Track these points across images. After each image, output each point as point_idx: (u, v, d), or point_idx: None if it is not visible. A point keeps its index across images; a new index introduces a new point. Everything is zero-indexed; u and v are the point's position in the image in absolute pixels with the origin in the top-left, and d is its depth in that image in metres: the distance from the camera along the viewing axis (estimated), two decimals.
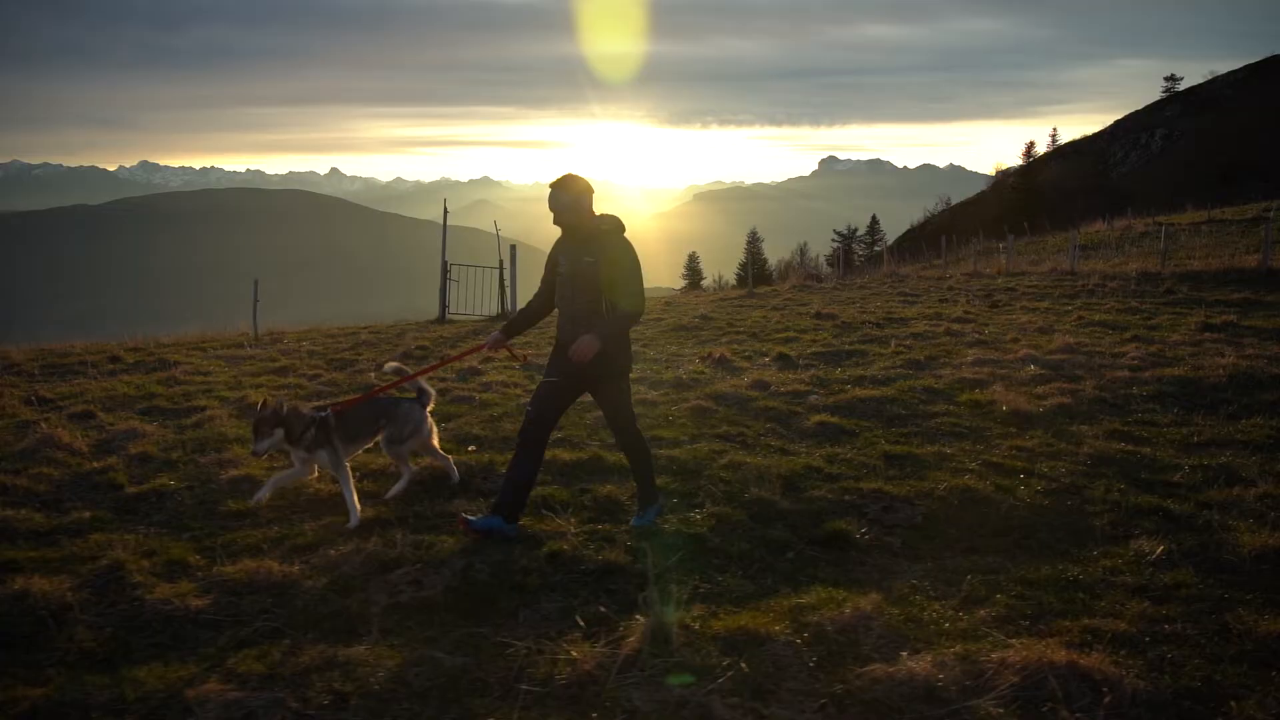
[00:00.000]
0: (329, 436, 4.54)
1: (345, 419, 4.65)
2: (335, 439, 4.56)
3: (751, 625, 3.24)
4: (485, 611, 3.49)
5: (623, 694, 2.82)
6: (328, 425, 4.54)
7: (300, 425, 4.50)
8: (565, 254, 4.24)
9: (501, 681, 2.94)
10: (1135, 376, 8.05)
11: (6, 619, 3.28)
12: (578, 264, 4.16)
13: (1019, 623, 3.40)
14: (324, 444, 4.54)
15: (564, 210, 4.16)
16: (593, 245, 4.16)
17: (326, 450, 4.54)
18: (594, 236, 4.17)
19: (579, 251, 4.17)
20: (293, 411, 4.51)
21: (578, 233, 4.20)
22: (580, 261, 4.15)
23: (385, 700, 2.80)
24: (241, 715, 2.63)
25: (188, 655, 3.08)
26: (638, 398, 7.51)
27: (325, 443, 4.54)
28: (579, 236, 4.20)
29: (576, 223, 4.18)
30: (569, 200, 4.15)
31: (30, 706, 2.67)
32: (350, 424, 4.67)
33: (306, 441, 4.51)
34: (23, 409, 7.56)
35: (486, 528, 4.12)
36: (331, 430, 4.55)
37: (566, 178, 4.19)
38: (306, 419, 4.52)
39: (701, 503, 4.77)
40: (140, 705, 2.70)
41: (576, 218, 4.18)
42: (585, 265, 4.13)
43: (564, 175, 4.19)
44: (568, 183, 4.17)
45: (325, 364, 10.71)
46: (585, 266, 4.12)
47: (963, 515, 4.69)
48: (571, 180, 4.19)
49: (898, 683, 2.85)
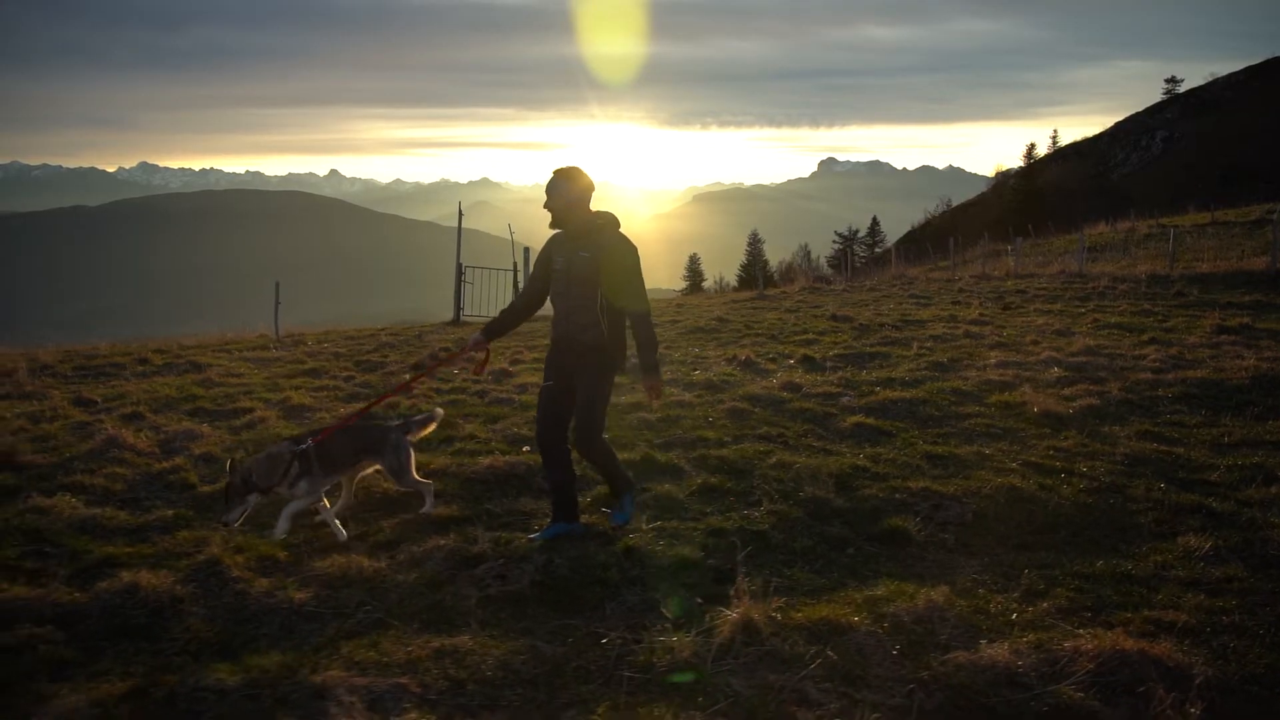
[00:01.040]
0: (309, 467, 4.34)
1: (325, 448, 4.43)
2: (315, 468, 4.36)
3: (832, 616, 3.41)
4: (572, 604, 3.65)
5: (721, 679, 2.99)
6: (308, 457, 4.33)
7: (278, 472, 4.25)
8: (560, 251, 4.22)
9: (602, 669, 3.11)
10: (1159, 379, 8.23)
11: (120, 611, 3.45)
12: (573, 259, 4.14)
13: (1081, 615, 3.57)
14: (305, 474, 4.33)
15: (562, 198, 4.11)
16: (589, 241, 4.14)
17: (306, 480, 4.33)
18: (590, 232, 4.15)
19: (575, 247, 4.16)
20: (265, 461, 4.28)
21: (573, 228, 4.17)
22: (576, 257, 4.13)
23: (498, 686, 2.97)
24: (370, 699, 2.80)
25: (301, 644, 3.25)
26: (672, 399, 7.69)
27: (306, 473, 4.33)
28: (574, 232, 4.17)
29: (573, 216, 4.14)
30: (574, 193, 4.11)
31: (169, 691, 2.83)
32: (330, 453, 4.45)
33: (291, 480, 4.29)
34: (73, 410, 7.71)
35: (554, 535, 4.27)
36: (312, 461, 4.35)
37: (573, 169, 4.16)
38: (283, 460, 4.28)
39: (758, 501, 4.94)
40: (271, 690, 2.86)
41: (573, 211, 4.14)
42: (582, 260, 4.11)
43: (570, 166, 4.16)
44: (574, 174, 4.15)
45: (354, 366, 10.87)
46: (582, 261, 4.11)
47: (1010, 513, 4.86)
48: (578, 173, 4.16)
49: (980, 669, 3.02)
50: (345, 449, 4.54)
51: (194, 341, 14.74)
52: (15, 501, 4.71)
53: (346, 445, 4.55)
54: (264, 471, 4.22)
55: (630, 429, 6.66)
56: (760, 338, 12.65)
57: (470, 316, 18.04)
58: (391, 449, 4.61)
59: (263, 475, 4.21)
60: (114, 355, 12.20)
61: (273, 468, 4.24)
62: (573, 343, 4.21)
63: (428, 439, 6.40)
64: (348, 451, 4.55)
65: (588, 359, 4.18)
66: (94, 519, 4.49)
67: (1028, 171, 68.66)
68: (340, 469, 4.55)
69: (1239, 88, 68.88)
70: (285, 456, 4.27)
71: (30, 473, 5.35)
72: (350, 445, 4.57)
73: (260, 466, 4.23)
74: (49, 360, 11.46)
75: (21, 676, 2.96)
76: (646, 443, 6.18)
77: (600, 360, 4.21)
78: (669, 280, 77.00)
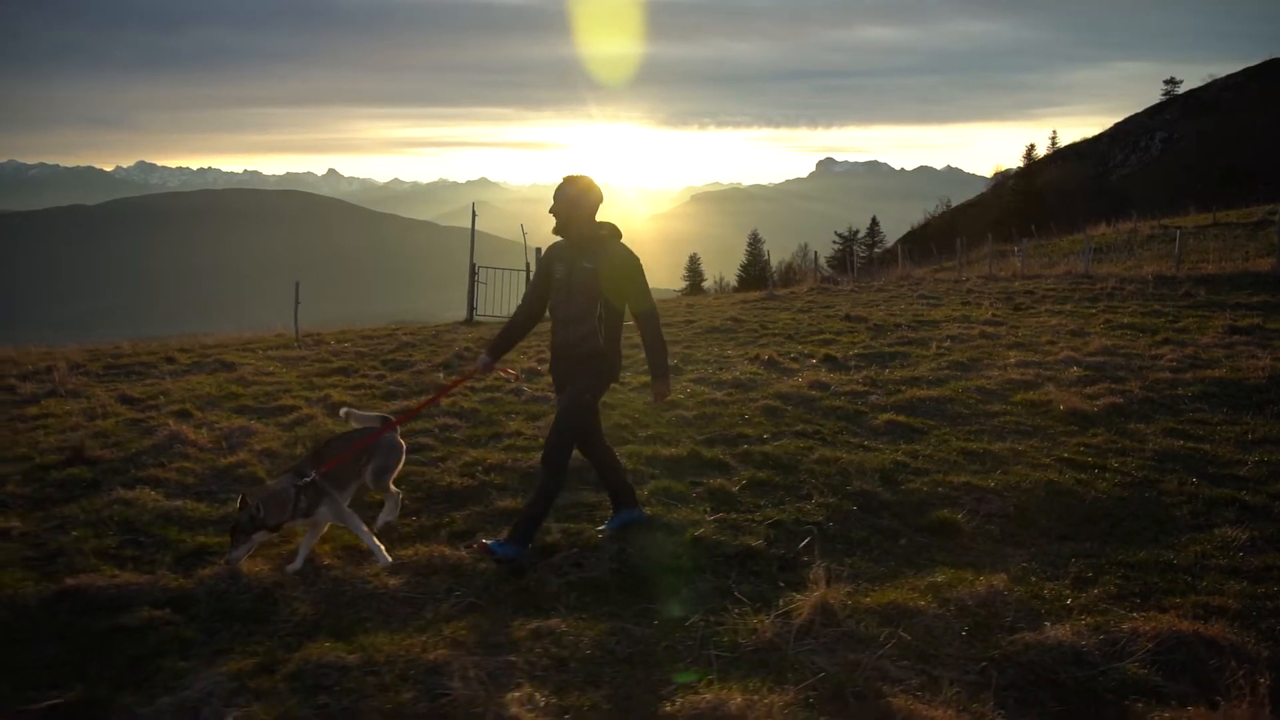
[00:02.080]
0: (321, 495, 4.16)
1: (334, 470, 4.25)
2: (330, 492, 4.20)
3: (899, 600, 3.61)
4: (649, 590, 3.85)
5: (804, 658, 3.19)
6: (316, 487, 4.16)
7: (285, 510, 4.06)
8: (561, 260, 4.18)
9: (690, 649, 3.31)
10: (1178, 378, 8.44)
11: (226, 596, 3.65)
12: (575, 269, 4.10)
13: (1131, 600, 3.78)
14: (320, 502, 4.16)
15: (570, 205, 4.07)
16: (591, 252, 4.09)
17: (327, 505, 4.18)
18: (592, 243, 4.11)
19: (577, 257, 4.11)
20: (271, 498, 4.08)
21: (576, 238, 4.13)
22: (578, 267, 4.09)
23: (598, 664, 3.17)
24: (485, 675, 3.00)
25: (403, 626, 3.44)
26: (705, 398, 7.89)
27: (321, 501, 4.16)
28: (577, 242, 4.13)
29: (577, 226, 4.10)
30: (582, 202, 4.08)
31: (295, 668, 3.03)
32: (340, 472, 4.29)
33: (302, 511, 4.12)
34: (120, 407, 7.90)
35: (622, 524, 4.43)
36: (322, 489, 4.18)
37: (585, 179, 4.14)
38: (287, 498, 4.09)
39: (808, 494, 5.14)
40: (388, 667, 3.06)
41: (573, 215, 4.09)
42: (583, 271, 4.07)
43: (583, 175, 4.15)
44: (585, 184, 4.12)
45: (381, 365, 11.05)
46: (583, 273, 4.07)
47: (1051, 506, 5.07)
48: (589, 183, 4.13)
49: (1047, 648, 3.23)
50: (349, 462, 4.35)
51: (215, 340, 14.90)
52: (99, 494, 4.90)
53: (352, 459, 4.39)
54: (271, 509, 4.03)
55: (671, 426, 6.85)
56: (777, 337, 12.85)
57: (484, 316, 18.23)
58: (385, 449, 4.45)
59: (270, 513, 4.02)
60: (140, 354, 12.36)
61: (279, 506, 4.05)
62: (570, 351, 4.19)
63: (477, 436, 6.63)
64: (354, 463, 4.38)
65: (585, 366, 4.16)
66: (177, 510, 4.68)
67: (1027, 172, 68.98)
68: (353, 479, 4.39)
69: (1238, 89, 69.32)
70: (289, 493, 4.10)
71: (102, 467, 5.53)
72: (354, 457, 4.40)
73: (266, 505, 4.04)
74: (79, 359, 11.64)
75: (152, 654, 3.16)
76: (690, 439, 6.38)
77: (596, 368, 4.18)
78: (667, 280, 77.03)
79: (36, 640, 3.28)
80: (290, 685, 2.94)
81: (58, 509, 4.73)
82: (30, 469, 5.45)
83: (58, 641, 3.27)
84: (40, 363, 11.01)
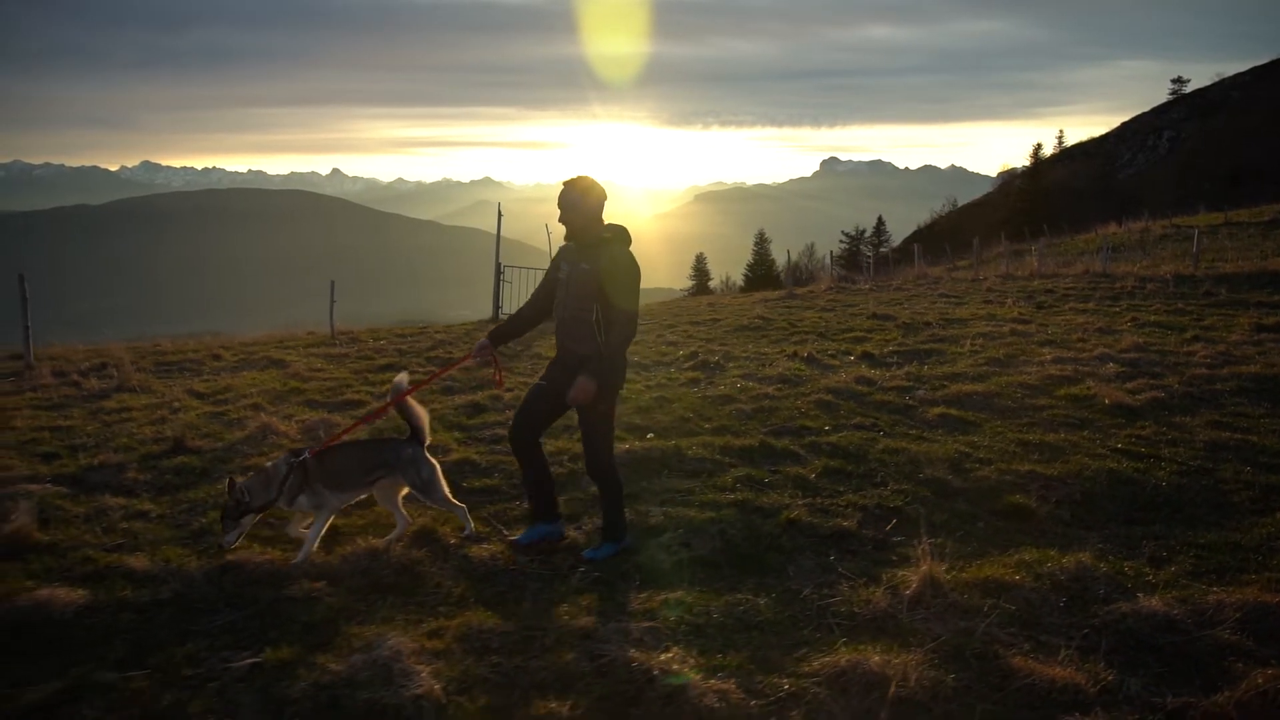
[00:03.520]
0: (307, 482, 4.16)
1: (328, 462, 4.24)
2: (316, 483, 4.18)
3: (996, 575, 3.89)
4: (757, 567, 4.13)
5: (920, 625, 3.47)
6: (305, 469, 4.15)
7: (272, 488, 4.09)
8: (567, 260, 4.21)
9: (810, 618, 3.59)
10: (1214, 374, 8.70)
11: (371, 571, 3.93)
12: (574, 270, 4.13)
13: (1207, 577, 4.05)
14: (302, 490, 4.15)
15: (568, 209, 4.10)
16: (593, 253, 4.11)
17: (307, 495, 4.16)
18: (596, 245, 4.12)
19: (579, 258, 4.14)
20: (260, 476, 4.13)
21: (582, 239, 4.14)
22: (578, 268, 4.12)
23: (730, 630, 3.45)
24: (634, 639, 3.28)
25: (539, 598, 3.72)
26: (756, 392, 8.17)
27: (303, 489, 4.16)
28: (583, 243, 4.15)
29: (583, 227, 4.12)
30: (583, 204, 4.09)
31: (460, 633, 3.32)
32: (337, 469, 4.26)
33: (290, 493, 4.13)
34: (193, 401, 8.19)
35: (537, 538, 4.29)
36: (310, 473, 4.17)
37: (583, 179, 4.14)
38: (277, 475, 4.12)
39: (883, 481, 5.42)
40: (543, 633, 3.34)
41: (584, 222, 4.11)
42: (582, 272, 4.09)
43: (580, 176, 4.15)
44: (583, 185, 4.12)
45: (426, 361, 11.34)
46: (582, 273, 4.09)
47: (1113, 492, 5.33)
48: (583, 182, 4.14)
49: (1142, 617, 3.50)
50: (352, 465, 4.31)
51: (252, 339, 15.20)
52: (213, 481, 5.18)
53: (353, 461, 4.34)
54: (257, 488, 4.05)
55: (732, 419, 7.13)
56: (809, 335, 13.11)
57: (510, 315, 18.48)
58: (408, 463, 4.33)
59: (256, 492, 4.04)
60: (183, 352, 12.65)
61: (266, 483, 4.07)
62: (569, 355, 4.17)
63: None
64: (355, 468, 4.31)
65: (584, 369, 4.06)
66: None
67: (1034, 171, 69.14)
68: (351, 487, 4.32)
69: (1245, 88, 69.44)
70: (280, 470, 4.12)
71: (206, 456, 5.83)
72: (358, 462, 4.35)
73: (255, 485, 4.06)
74: (129, 357, 11.92)
75: (322, 620, 3.45)
76: (755, 431, 6.65)
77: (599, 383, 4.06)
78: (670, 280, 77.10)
79: (211, 609, 3.57)
80: (462, 647, 3.22)
81: (182, 494, 5.02)
82: (141, 458, 5.74)
83: (232, 610, 3.55)
84: (87, 360, 11.31)
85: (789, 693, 2.96)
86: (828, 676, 3.04)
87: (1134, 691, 3.00)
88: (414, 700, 2.81)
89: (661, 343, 12.81)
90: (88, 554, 4.02)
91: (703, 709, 2.84)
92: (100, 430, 6.84)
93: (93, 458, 5.73)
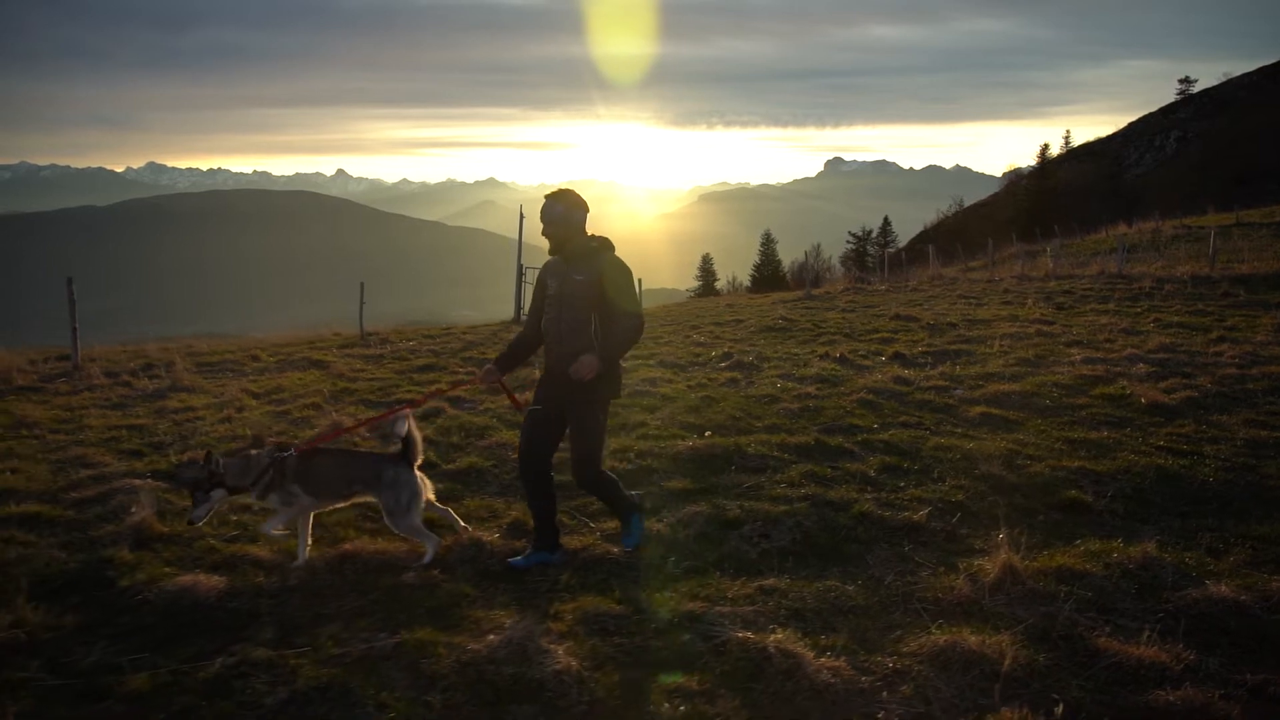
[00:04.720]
0: (283, 481, 4.13)
1: (310, 466, 4.20)
2: (292, 483, 4.14)
3: (1067, 564, 4.12)
4: (836, 557, 4.36)
5: (1001, 609, 3.70)
6: (284, 466, 4.13)
7: (250, 475, 4.09)
8: (554, 275, 4.20)
9: (897, 603, 3.82)
10: (1244, 374, 8.91)
11: (478, 560, 4.18)
12: (567, 282, 4.12)
13: (1266, 566, 4.27)
14: (276, 488, 4.13)
15: (556, 222, 4.12)
16: (583, 264, 4.11)
17: (278, 494, 4.13)
18: (585, 255, 4.13)
19: (569, 270, 4.13)
20: (241, 461, 4.12)
21: (568, 251, 4.15)
22: (570, 280, 4.10)
23: (826, 614, 3.68)
24: (741, 621, 3.51)
25: (642, 585, 3.96)
26: (798, 392, 8.40)
27: (276, 488, 4.13)
28: (569, 255, 4.16)
29: (567, 238, 4.14)
30: (569, 216, 4.12)
31: (578, 617, 3.56)
32: (316, 473, 4.20)
33: (264, 487, 4.11)
34: (251, 400, 8.44)
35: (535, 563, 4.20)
36: (288, 472, 4.14)
37: (566, 191, 4.18)
38: (259, 465, 4.12)
39: (941, 478, 5.64)
40: (655, 616, 3.58)
41: (568, 232, 4.13)
42: (576, 283, 4.08)
43: (561, 188, 4.20)
44: (566, 197, 4.15)
45: (462, 361, 11.59)
46: (576, 284, 4.08)
47: (1162, 488, 5.55)
48: (568, 194, 4.17)
49: (1212, 602, 3.73)
50: (334, 474, 4.24)
51: (283, 340, 15.45)
52: None
53: (336, 470, 4.25)
54: (237, 471, 4.07)
55: (781, 417, 7.36)
56: (836, 336, 13.34)
57: None
58: (387, 485, 4.18)
59: (235, 474, 4.05)
60: (223, 353, 12.91)
61: (246, 469, 4.09)
62: (561, 369, 4.10)
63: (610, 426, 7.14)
64: (338, 479, 4.23)
65: (580, 387, 4.05)
66: None
67: (1041, 171, 69.23)
68: (329, 496, 4.26)
69: (1253, 88, 69.53)
70: (263, 461, 4.11)
71: None
72: (341, 472, 4.26)
73: (235, 466, 4.08)
74: (169, 359, 12.17)
75: (445, 604, 3.69)
76: (806, 429, 6.89)
77: (592, 388, 4.08)
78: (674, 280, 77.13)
79: (337, 594, 3.81)
80: (585, 629, 3.46)
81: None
82: (226, 455, 5.98)
83: (356, 594, 3.79)
84: (130, 361, 11.57)
85: (894, 670, 3.20)
86: (928, 655, 3.27)
87: (1214, 669, 3.23)
88: (555, 675, 3.04)
89: (691, 344, 13.04)
90: (210, 544, 4.28)
91: (819, 684, 3.07)
92: (173, 429, 7.09)
93: (180, 454, 5.98)
